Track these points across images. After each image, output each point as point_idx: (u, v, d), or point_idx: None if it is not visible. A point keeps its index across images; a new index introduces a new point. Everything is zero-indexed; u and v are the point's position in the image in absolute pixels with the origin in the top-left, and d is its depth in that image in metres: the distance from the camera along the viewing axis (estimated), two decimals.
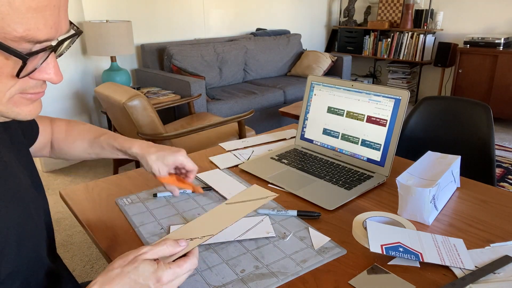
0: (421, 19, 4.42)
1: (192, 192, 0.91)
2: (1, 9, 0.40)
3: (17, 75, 0.45)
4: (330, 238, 0.80)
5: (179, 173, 0.90)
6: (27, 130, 0.75)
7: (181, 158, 0.85)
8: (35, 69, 0.47)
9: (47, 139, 0.87)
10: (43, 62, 0.47)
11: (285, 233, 0.83)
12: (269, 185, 1.05)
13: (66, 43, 0.51)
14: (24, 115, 0.50)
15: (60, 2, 0.45)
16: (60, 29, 0.47)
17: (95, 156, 0.90)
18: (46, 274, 0.62)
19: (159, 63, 3.62)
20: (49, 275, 0.64)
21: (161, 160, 0.84)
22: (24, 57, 0.44)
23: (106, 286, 0.51)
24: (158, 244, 0.58)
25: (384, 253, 0.72)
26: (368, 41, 4.90)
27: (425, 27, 4.41)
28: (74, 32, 0.51)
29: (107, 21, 3.14)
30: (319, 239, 0.80)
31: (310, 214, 0.88)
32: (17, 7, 0.41)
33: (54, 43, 0.48)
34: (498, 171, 2.91)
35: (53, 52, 0.48)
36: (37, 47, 0.46)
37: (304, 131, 1.26)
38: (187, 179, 0.89)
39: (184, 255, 0.59)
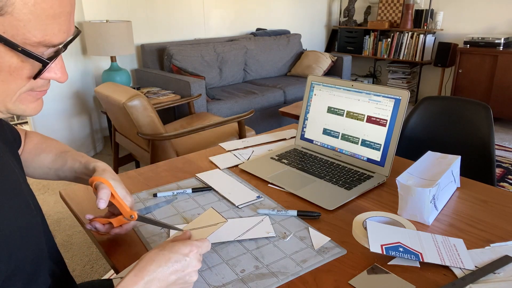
0: (421, 19, 4.42)
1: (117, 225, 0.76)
2: (24, 17, 0.44)
3: (34, 77, 0.49)
4: (330, 238, 0.80)
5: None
6: (13, 135, 0.75)
7: (128, 198, 0.75)
8: (45, 70, 0.50)
9: (20, 150, 0.83)
10: (52, 63, 0.50)
11: (285, 233, 0.83)
12: (269, 185, 1.05)
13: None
14: (29, 111, 0.53)
15: (72, 8, 0.49)
16: (70, 33, 0.50)
17: (53, 173, 0.82)
18: (48, 270, 0.63)
19: (159, 63, 3.62)
20: (51, 271, 0.64)
21: (114, 180, 0.74)
22: (46, 62, 0.48)
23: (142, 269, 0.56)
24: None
25: (384, 253, 0.72)
26: (368, 41, 4.90)
27: (425, 27, 4.41)
28: (77, 32, 0.54)
29: (107, 21, 3.14)
30: (319, 239, 0.80)
31: (310, 214, 0.88)
32: (38, 14, 0.44)
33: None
34: (498, 171, 2.91)
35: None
36: (51, 50, 0.49)
37: (304, 131, 1.26)
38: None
39: None
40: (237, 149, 1.31)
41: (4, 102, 0.49)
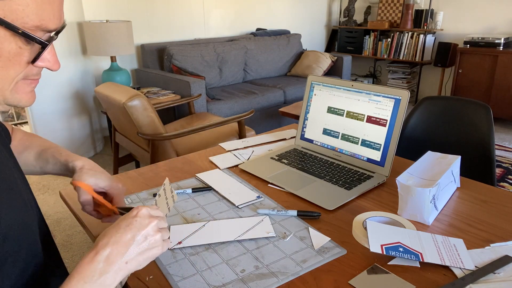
0: (421, 19, 4.42)
1: (107, 214, 0.78)
2: (23, 2, 0.46)
3: (33, 61, 0.50)
4: (330, 238, 0.80)
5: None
6: (4, 132, 0.75)
7: (116, 186, 0.77)
8: (43, 52, 0.52)
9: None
10: (49, 46, 0.52)
11: (285, 233, 0.83)
12: (269, 185, 1.05)
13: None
14: (24, 101, 0.54)
15: None
16: (62, 19, 0.52)
17: (39, 169, 0.83)
18: (43, 266, 0.63)
19: (159, 63, 3.62)
20: (46, 267, 0.64)
21: (94, 177, 0.75)
22: (45, 43, 0.49)
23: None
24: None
25: (384, 253, 0.72)
26: (368, 41, 4.90)
27: (425, 27, 4.41)
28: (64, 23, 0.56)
29: (107, 21, 3.14)
30: (319, 239, 0.80)
31: (310, 214, 0.88)
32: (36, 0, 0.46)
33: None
34: (498, 171, 2.91)
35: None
36: (46, 36, 0.50)
37: (304, 131, 1.26)
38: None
39: None
40: (237, 149, 1.31)
41: (2, 91, 0.50)
